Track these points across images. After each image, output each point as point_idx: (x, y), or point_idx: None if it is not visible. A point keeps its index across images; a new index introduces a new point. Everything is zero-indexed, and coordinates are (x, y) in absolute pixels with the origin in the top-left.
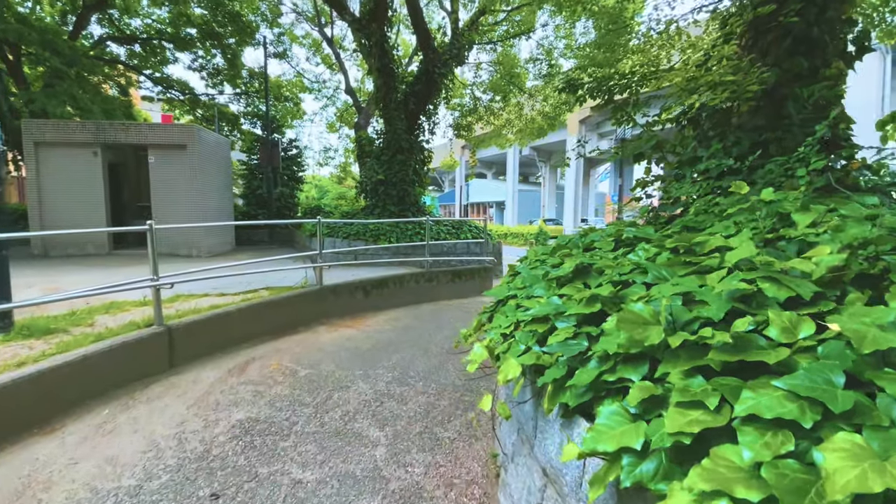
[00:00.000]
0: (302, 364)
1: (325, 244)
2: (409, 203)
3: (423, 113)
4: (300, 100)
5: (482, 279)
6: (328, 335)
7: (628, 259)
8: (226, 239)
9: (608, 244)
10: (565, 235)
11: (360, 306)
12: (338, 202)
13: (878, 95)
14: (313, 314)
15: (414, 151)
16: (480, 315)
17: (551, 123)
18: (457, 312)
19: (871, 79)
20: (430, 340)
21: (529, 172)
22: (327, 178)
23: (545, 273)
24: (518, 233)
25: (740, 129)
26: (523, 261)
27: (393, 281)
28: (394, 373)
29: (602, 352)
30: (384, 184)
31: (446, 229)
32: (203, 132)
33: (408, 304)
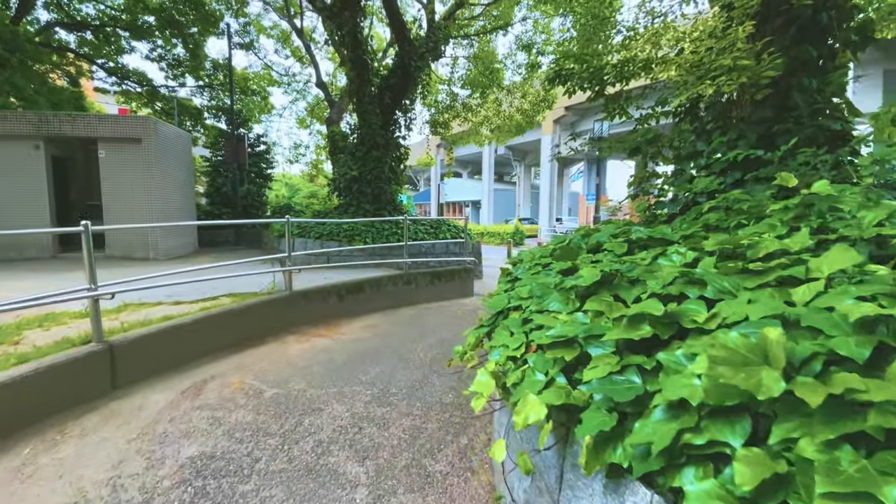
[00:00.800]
0: (268, 382)
1: (296, 245)
2: (384, 202)
3: (399, 108)
4: (268, 94)
5: (463, 280)
6: (299, 346)
7: (669, 265)
8: (187, 240)
9: (620, 246)
10: (560, 235)
11: (333, 312)
12: (309, 201)
13: None
14: (282, 323)
15: (390, 148)
16: (477, 329)
17: (530, 121)
18: (438, 317)
19: None
20: (412, 349)
21: (504, 172)
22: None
23: (559, 282)
24: (494, 232)
25: (743, 122)
26: (518, 264)
27: (369, 284)
28: (373, 390)
29: (671, 400)
30: (358, 181)
31: (424, 229)
32: (160, 125)
33: (385, 308)
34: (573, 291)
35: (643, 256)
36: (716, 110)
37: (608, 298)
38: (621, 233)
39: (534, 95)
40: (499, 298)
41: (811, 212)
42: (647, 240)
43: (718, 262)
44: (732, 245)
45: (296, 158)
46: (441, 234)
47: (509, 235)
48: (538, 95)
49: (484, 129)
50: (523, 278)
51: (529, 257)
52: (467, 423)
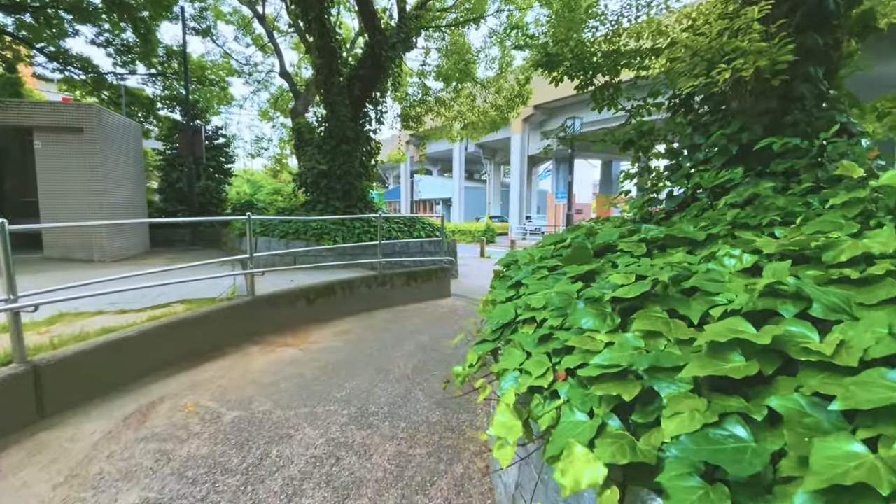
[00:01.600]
0: (228, 403)
1: (259, 245)
2: (355, 198)
3: (370, 100)
4: (228, 84)
5: (439, 280)
6: (263, 358)
7: (720, 271)
8: (137, 240)
9: (637, 246)
10: (556, 234)
11: (302, 318)
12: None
13: None
14: (244, 332)
15: (360, 141)
16: (479, 345)
17: (504, 117)
18: (416, 320)
19: None
20: (390, 358)
21: (475, 169)
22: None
23: (582, 290)
24: (466, 230)
25: (743, 114)
26: (511, 265)
27: (341, 286)
28: (350, 409)
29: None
30: (327, 176)
31: (398, 227)
32: (105, 114)
33: (359, 311)
34: (609, 306)
35: (691, 260)
36: (713, 102)
37: (661, 314)
38: (629, 231)
39: (508, 90)
40: (504, 309)
41: (878, 207)
42: (663, 239)
43: (794, 269)
44: (798, 246)
45: (258, 152)
46: (416, 232)
47: (481, 233)
48: (513, 90)
49: (457, 124)
50: (529, 284)
51: (527, 258)
52: (460, 446)
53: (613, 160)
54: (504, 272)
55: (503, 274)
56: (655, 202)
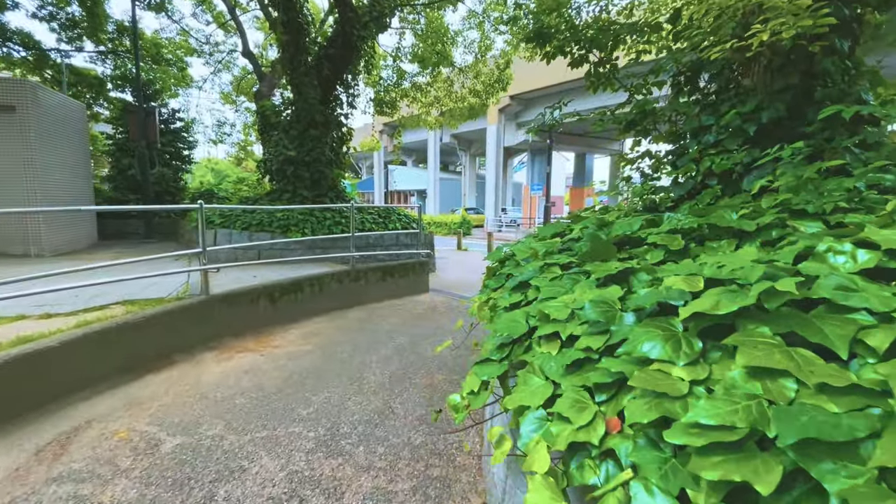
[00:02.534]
0: (170, 426)
1: (219, 238)
2: (325, 187)
3: (341, 82)
4: (186, 64)
5: (417, 275)
6: (218, 368)
7: (830, 273)
8: (82, 232)
9: (671, 239)
10: (556, 224)
11: (265, 319)
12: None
13: None
14: (197, 336)
15: (330, 126)
16: (479, 368)
17: (483, 103)
18: (393, 318)
19: None
20: (365, 364)
21: (450, 161)
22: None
23: (644, 305)
24: (441, 222)
25: (757, 92)
26: (507, 261)
27: (309, 283)
28: (317, 430)
29: None
30: (294, 163)
31: (372, 218)
32: (43, 91)
33: (330, 310)
34: (685, 327)
35: (769, 258)
36: (722, 79)
37: (773, 341)
38: (648, 221)
39: (487, 75)
40: (511, 318)
41: None
42: (699, 231)
43: None
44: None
45: (220, 138)
46: (391, 223)
47: (457, 225)
48: (492, 75)
49: (434, 110)
50: (541, 286)
51: (527, 252)
52: (451, 476)
53: (587, 153)
54: (499, 269)
55: (499, 271)
56: (659, 190)
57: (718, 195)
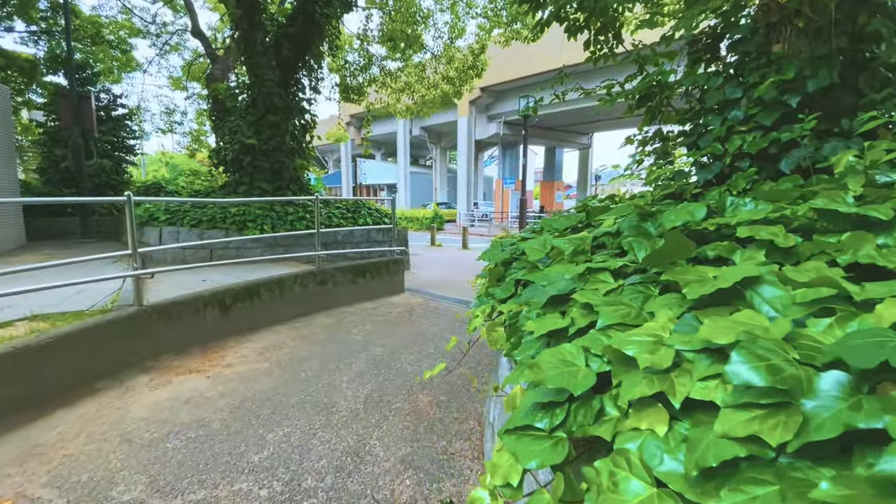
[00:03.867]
0: (73, 488)
1: (165, 237)
2: (287, 179)
3: (303, 64)
4: (131, 46)
5: (391, 275)
6: (151, 397)
7: None
8: (5, 233)
9: (776, 233)
10: (566, 216)
11: (214, 331)
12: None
13: None
14: (128, 357)
15: (291, 112)
16: (514, 444)
17: (457, 91)
18: (365, 325)
19: None
20: (334, 386)
21: (420, 154)
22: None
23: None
24: (413, 216)
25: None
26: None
27: (268, 287)
28: (272, 486)
29: None
30: (252, 153)
31: (340, 213)
32: None
33: (293, 317)
34: None
35: None
36: (752, 45)
37: None
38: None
39: (461, 61)
40: (560, 360)
41: None
42: (815, 222)
43: None
44: None
45: (169, 127)
46: (361, 218)
47: (429, 220)
48: (465, 61)
49: (405, 97)
50: (597, 307)
51: (541, 250)
52: None
53: (557, 147)
54: (504, 272)
55: (505, 274)
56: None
57: (754, 178)
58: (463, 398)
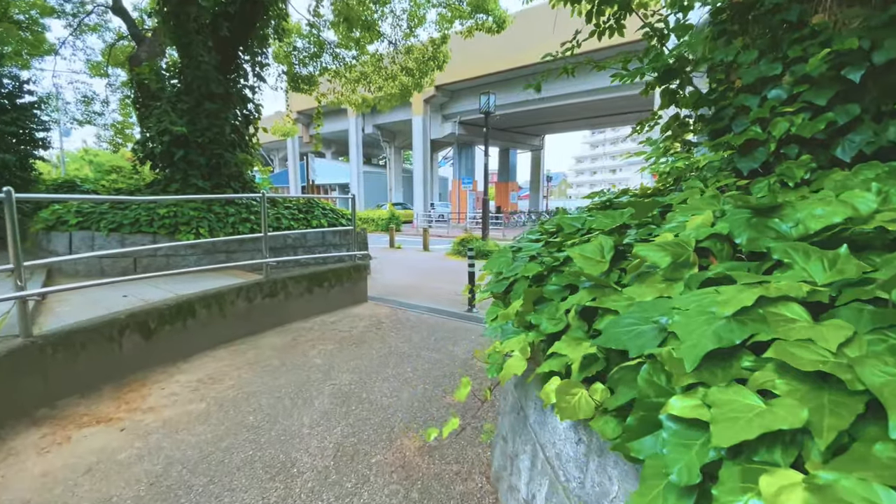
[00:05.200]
0: None
1: (77, 244)
2: (227, 176)
3: (245, 48)
4: (44, 27)
5: (353, 282)
6: (39, 466)
7: None
8: None
9: None
10: (610, 213)
11: (134, 362)
12: (110, 177)
13: None
14: (12, 405)
15: (232, 100)
16: None
17: (417, 83)
18: (326, 344)
19: None
20: (291, 433)
21: (373, 153)
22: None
23: None
24: (368, 217)
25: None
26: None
27: (204, 302)
28: None
29: None
30: (185, 145)
31: (290, 213)
32: None
33: (237, 338)
34: None
35: None
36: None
37: None
38: (867, 204)
39: (421, 51)
40: None
41: None
42: None
43: None
44: None
45: (88, 119)
46: (315, 220)
47: (385, 221)
48: (425, 52)
49: (361, 88)
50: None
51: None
52: None
53: (511, 148)
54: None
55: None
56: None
57: (813, 167)
58: (461, 440)
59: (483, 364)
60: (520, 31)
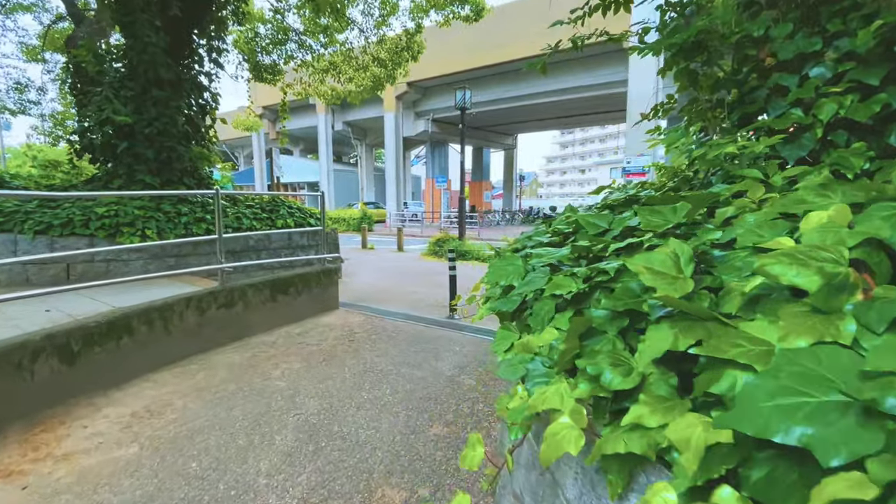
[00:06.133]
0: None
1: None
2: (180, 172)
3: (201, 31)
4: None
5: (322, 288)
6: None
7: None
8: None
9: None
10: (659, 209)
11: (51, 394)
12: (45, 173)
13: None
14: None
15: (184, 88)
16: None
17: (390, 74)
18: (291, 362)
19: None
20: (248, 486)
21: (343, 152)
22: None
23: None
24: (339, 217)
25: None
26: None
27: (145, 317)
28: None
29: None
30: (130, 136)
31: (252, 213)
32: None
33: (185, 357)
34: None
35: None
36: None
37: None
38: None
39: (393, 42)
40: None
41: None
42: None
43: None
44: None
45: (21, 108)
46: (280, 219)
47: (356, 221)
48: (398, 42)
49: (329, 78)
50: None
51: (678, 272)
52: None
53: (484, 147)
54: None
55: (595, 324)
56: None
57: (871, 155)
58: (456, 482)
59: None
60: (494, 28)
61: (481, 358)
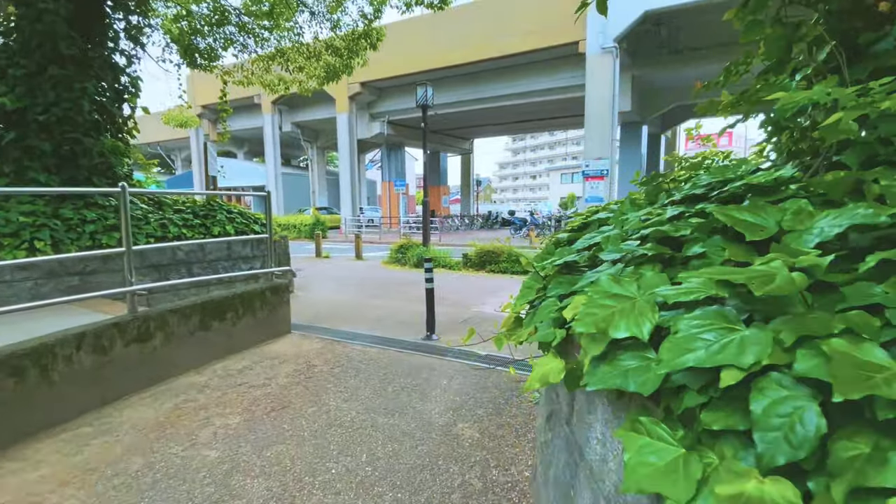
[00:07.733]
0: None
1: None
2: (86, 169)
3: (116, 3)
4: None
5: (270, 308)
6: None
7: None
8: None
9: None
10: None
11: None
12: None
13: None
14: None
15: (92, 68)
16: None
17: (345, 64)
18: (227, 416)
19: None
20: None
21: (292, 154)
22: None
23: None
24: (289, 224)
25: None
26: None
27: (15, 365)
28: None
29: None
30: (19, 124)
31: (182, 219)
32: None
33: (77, 415)
34: None
35: None
36: None
37: None
38: None
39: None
40: None
41: None
42: None
43: None
44: None
45: None
46: (216, 226)
47: (309, 228)
48: (355, 31)
49: (277, 67)
50: None
51: None
52: None
53: (441, 151)
54: None
55: None
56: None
57: None
58: None
59: (491, 444)
60: (453, 28)
61: (478, 396)
